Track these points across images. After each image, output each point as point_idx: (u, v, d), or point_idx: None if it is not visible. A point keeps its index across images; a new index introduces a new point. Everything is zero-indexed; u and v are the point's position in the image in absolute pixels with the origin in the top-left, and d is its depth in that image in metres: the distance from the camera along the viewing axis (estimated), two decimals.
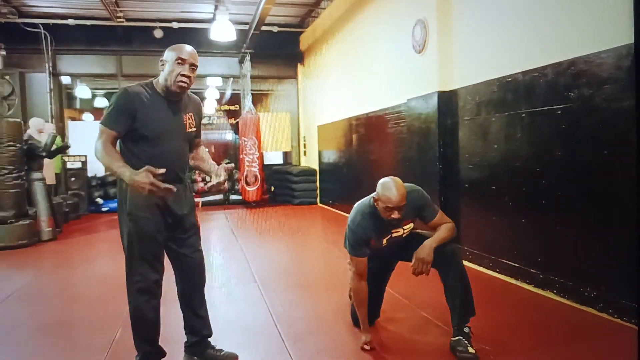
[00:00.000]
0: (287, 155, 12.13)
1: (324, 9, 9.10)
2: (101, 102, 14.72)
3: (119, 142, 2.34)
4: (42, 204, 6.53)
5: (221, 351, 2.63)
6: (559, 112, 3.45)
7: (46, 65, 9.53)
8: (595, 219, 3.22)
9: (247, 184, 9.65)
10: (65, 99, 11.32)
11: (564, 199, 3.45)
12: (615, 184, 3.05)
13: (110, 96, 14.45)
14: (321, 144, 9.89)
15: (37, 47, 9.33)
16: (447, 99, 4.76)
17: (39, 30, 9.18)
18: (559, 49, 3.45)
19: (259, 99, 14.92)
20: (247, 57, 9.94)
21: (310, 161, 10.78)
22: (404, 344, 2.85)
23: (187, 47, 2.37)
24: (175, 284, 2.58)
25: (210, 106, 14.77)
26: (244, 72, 10.36)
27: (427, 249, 2.62)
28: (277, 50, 10.68)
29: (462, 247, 4.50)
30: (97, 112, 15.02)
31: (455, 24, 4.72)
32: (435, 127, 4.84)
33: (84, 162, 9.26)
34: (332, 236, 6.60)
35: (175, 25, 9.69)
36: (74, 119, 13.41)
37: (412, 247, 2.68)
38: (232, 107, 15.17)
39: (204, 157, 2.66)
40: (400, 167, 6.05)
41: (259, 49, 9.74)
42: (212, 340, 2.66)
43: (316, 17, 9.68)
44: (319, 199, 10.12)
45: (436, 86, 4.81)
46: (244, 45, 9.62)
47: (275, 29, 10.17)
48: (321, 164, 9.92)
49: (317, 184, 10.13)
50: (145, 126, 2.29)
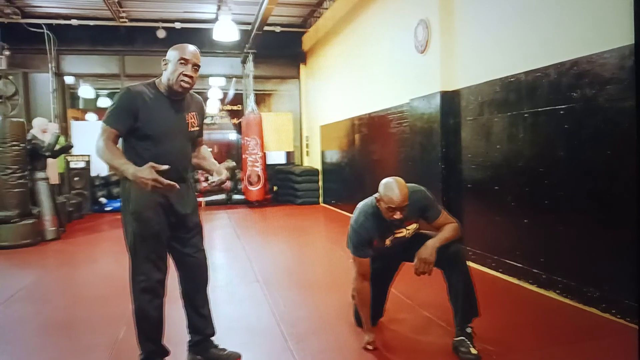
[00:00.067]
0: (289, 155, 12.14)
1: (327, 9, 9.11)
2: (104, 102, 14.74)
3: (122, 141, 2.35)
4: (45, 203, 6.55)
5: (224, 350, 2.64)
6: (561, 112, 3.45)
7: (49, 65, 9.55)
8: (598, 219, 3.22)
9: (250, 183, 9.66)
10: (68, 98, 11.34)
11: (567, 199, 3.45)
12: (618, 184, 3.04)
13: (113, 96, 14.49)
14: (324, 144, 9.89)
15: (41, 47, 9.36)
16: (449, 99, 4.76)
17: (42, 30, 9.21)
18: (562, 49, 3.45)
19: (261, 99, 14.93)
20: (250, 57, 9.94)
21: (312, 161, 10.78)
22: (407, 343, 2.85)
23: (190, 47, 2.38)
24: (178, 283, 2.58)
25: (213, 106, 14.79)
26: (247, 72, 10.36)
27: (429, 249, 2.61)
28: (280, 50, 10.68)
29: (465, 247, 4.50)
30: (101, 112, 15.04)
31: (457, 24, 4.72)
32: (437, 127, 4.83)
33: (88, 162, 9.30)
34: (334, 236, 6.60)
35: (178, 25, 9.70)
36: (77, 119, 13.43)
37: (416, 248, 2.66)
38: (234, 107, 15.17)
39: (206, 156, 2.68)
40: (402, 167, 6.05)
41: (261, 49, 9.74)
42: (215, 339, 2.67)
43: (319, 17, 9.69)
44: (321, 199, 10.12)
45: (439, 86, 4.81)
46: (247, 45, 9.62)
47: (277, 29, 10.18)
48: (324, 163, 9.92)
49: (320, 183, 10.13)
50: (148, 125, 2.30)
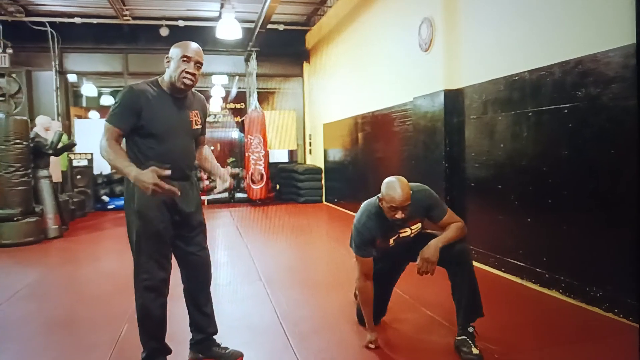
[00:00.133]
0: (292, 153, 12.14)
1: (330, 7, 9.10)
2: (107, 100, 14.78)
3: (125, 140, 2.34)
4: (48, 201, 6.57)
5: (226, 349, 2.63)
6: (565, 111, 3.43)
7: (53, 63, 9.57)
8: (601, 218, 3.20)
9: (253, 182, 9.66)
10: (71, 96, 11.36)
11: (570, 198, 3.44)
12: (621, 184, 3.03)
13: (116, 94, 14.47)
14: (327, 143, 9.88)
15: (44, 46, 9.38)
16: (453, 98, 4.75)
17: (45, 28, 9.23)
18: (566, 48, 3.43)
19: (264, 97, 14.95)
20: (253, 55, 9.94)
21: (315, 159, 10.78)
22: (409, 342, 2.84)
23: (193, 45, 2.37)
24: (181, 281, 2.58)
25: (216, 104, 14.80)
26: (250, 70, 10.36)
27: (432, 248, 2.60)
28: (283, 48, 10.67)
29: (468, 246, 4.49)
30: (104, 110, 15.08)
31: (461, 22, 4.70)
32: (441, 125, 4.82)
33: (90, 160, 9.29)
34: (337, 235, 6.60)
35: (181, 23, 9.71)
36: (80, 117, 13.45)
37: (420, 248, 2.64)
38: (237, 105, 15.19)
39: (208, 157, 2.68)
40: (406, 165, 6.04)
41: (264, 47, 9.74)
42: (217, 338, 2.66)
43: (322, 15, 9.68)
44: (324, 198, 10.12)
45: (442, 85, 4.80)
46: (250, 43, 9.63)
47: (281, 27, 10.18)
48: (327, 162, 9.92)
49: (323, 182, 10.13)
50: (151, 124, 2.30)
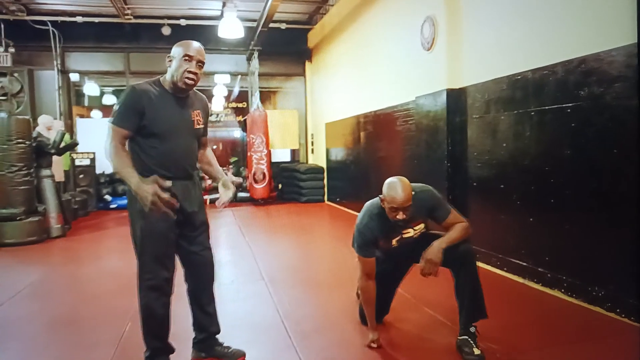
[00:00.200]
0: (294, 152, 12.14)
1: (332, 5, 9.09)
2: (109, 99, 14.79)
3: (128, 140, 2.34)
4: (51, 200, 6.58)
5: (229, 348, 2.64)
6: (568, 111, 3.43)
7: (55, 62, 9.57)
8: (604, 218, 3.20)
9: (255, 181, 9.66)
10: (73, 96, 11.37)
11: (573, 198, 3.43)
12: (624, 183, 3.02)
13: (118, 93, 14.54)
14: (329, 142, 9.88)
15: (46, 45, 9.38)
16: (455, 97, 4.74)
17: (47, 27, 9.23)
18: (569, 47, 3.43)
19: (266, 96, 14.96)
20: (255, 55, 9.92)
21: (317, 159, 10.78)
22: (411, 342, 2.84)
23: (194, 44, 2.38)
24: (184, 280, 2.59)
25: (218, 104, 14.81)
26: (252, 69, 10.36)
27: (435, 250, 2.57)
28: (285, 47, 10.67)
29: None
30: (106, 109, 15.10)
31: (464, 21, 4.70)
32: (443, 125, 4.82)
33: (93, 159, 9.31)
34: (339, 234, 6.60)
35: (183, 22, 9.71)
36: (82, 116, 13.47)
37: (423, 248, 2.61)
38: (240, 105, 15.22)
39: (211, 162, 2.68)
40: (408, 165, 6.04)
41: (266, 46, 9.73)
42: (219, 336, 2.67)
43: (324, 14, 9.67)
44: (326, 197, 10.12)
45: (445, 84, 4.79)
46: (252, 42, 9.62)
47: (283, 26, 10.17)
48: (329, 161, 9.91)
49: (325, 181, 10.13)
50: (154, 123, 2.30)
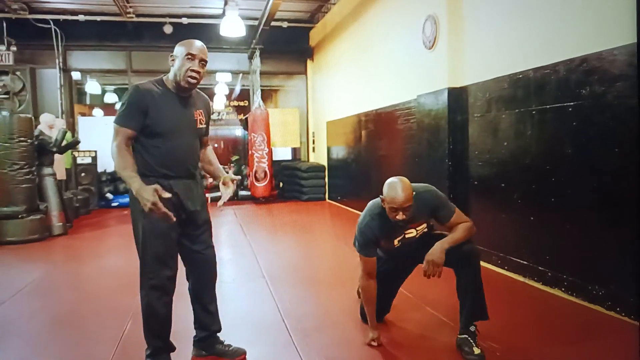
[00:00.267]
0: (295, 151, 12.15)
1: (334, 4, 9.08)
2: (111, 97, 14.81)
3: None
4: (53, 199, 6.59)
5: (229, 346, 2.64)
6: (570, 109, 3.42)
7: (57, 60, 9.58)
8: (604, 216, 3.20)
9: (257, 179, 9.67)
10: (75, 94, 11.40)
11: (574, 197, 3.43)
12: (625, 182, 3.02)
13: (120, 92, 14.57)
14: (330, 140, 9.89)
15: (48, 43, 9.39)
16: (457, 96, 4.74)
17: (49, 26, 9.24)
18: (571, 46, 3.42)
19: (268, 94, 14.96)
20: (257, 53, 9.93)
21: (319, 157, 10.78)
22: (412, 340, 2.85)
23: (197, 43, 2.38)
24: (185, 279, 2.59)
25: (219, 102, 14.81)
26: (254, 67, 10.36)
27: (437, 251, 2.55)
28: (287, 46, 10.67)
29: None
30: (107, 108, 15.14)
31: (466, 20, 4.69)
32: (445, 123, 4.82)
33: (94, 158, 9.32)
34: (340, 232, 6.61)
35: (184, 20, 9.72)
36: (84, 115, 13.50)
37: (426, 249, 2.59)
38: (241, 103, 15.23)
39: (212, 160, 2.68)
40: (409, 163, 6.04)
41: (268, 44, 9.73)
42: (220, 335, 2.67)
43: (326, 12, 9.66)
44: (327, 195, 10.13)
45: (446, 82, 4.79)
46: (254, 40, 9.62)
47: (285, 25, 10.18)
48: (330, 160, 9.92)
49: (326, 180, 10.14)
50: (157, 122, 2.30)
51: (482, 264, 4.30)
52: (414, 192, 2.53)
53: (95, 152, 9.30)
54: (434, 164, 5.03)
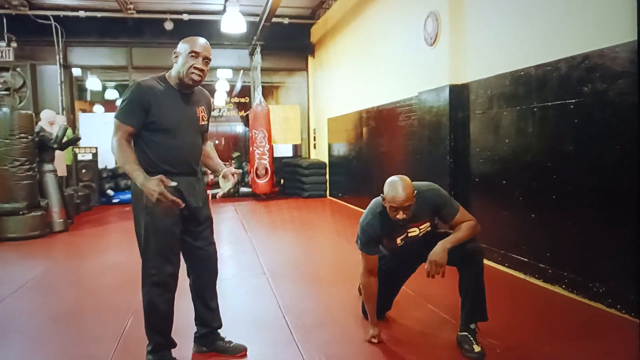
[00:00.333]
0: (297, 148, 12.13)
1: (336, 0, 9.06)
2: (112, 93, 14.79)
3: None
4: (53, 195, 6.60)
5: (230, 343, 2.65)
6: (571, 107, 3.42)
7: (57, 57, 9.57)
8: (605, 214, 3.20)
9: (258, 176, 9.67)
10: (76, 90, 11.38)
11: (575, 194, 3.43)
12: (627, 180, 3.01)
13: (120, 88, 14.55)
14: (331, 137, 9.88)
15: (48, 39, 9.38)
16: (458, 93, 4.73)
17: (49, 22, 9.22)
18: (573, 43, 3.41)
19: (269, 91, 14.93)
20: (258, 49, 9.92)
21: (320, 154, 10.77)
22: (412, 338, 2.85)
23: (201, 40, 2.38)
24: (187, 275, 2.60)
25: (220, 98, 14.78)
26: (255, 64, 10.35)
27: (440, 251, 2.53)
28: (288, 42, 10.65)
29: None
30: (108, 104, 15.12)
31: (467, 16, 4.68)
32: (446, 120, 4.81)
33: (95, 154, 9.32)
34: (341, 229, 6.61)
35: (185, 17, 9.70)
36: (84, 111, 13.49)
37: (430, 248, 2.58)
38: (242, 100, 15.18)
39: (211, 155, 2.68)
40: (410, 160, 6.03)
41: (269, 41, 9.72)
42: (221, 331, 2.68)
43: (327, 8, 9.64)
44: (328, 192, 10.12)
45: (448, 79, 4.78)
46: (255, 37, 9.60)
47: (286, 21, 10.15)
48: (331, 157, 9.91)
49: (327, 177, 10.13)
50: (160, 119, 2.30)
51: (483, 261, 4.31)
52: (416, 191, 2.52)
53: (96, 148, 9.30)
54: (435, 161, 5.02)
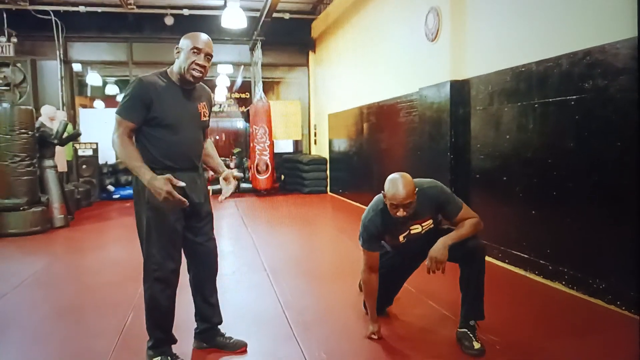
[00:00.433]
0: (297, 143, 12.12)
1: None
2: (112, 89, 14.78)
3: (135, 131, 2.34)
4: (54, 191, 6.60)
5: (230, 339, 2.66)
6: (572, 103, 3.41)
7: (57, 52, 9.55)
8: (606, 210, 3.19)
9: (258, 172, 9.67)
10: (76, 86, 11.37)
11: (575, 191, 3.42)
12: (628, 176, 3.00)
13: (121, 83, 14.54)
14: (332, 133, 9.87)
15: (49, 35, 9.36)
16: (459, 88, 4.72)
17: (49, 17, 9.20)
18: (574, 39, 3.40)
19: (270, 86, 14.93)
20: (258, 45, 9.90)
21: (320, 150, 10.77)
22: (412, 334, 2.85)
23: (203, 36, 2.37)
24: (187, 271, 2.60)
25: (221, 94, 14.77)
26: (255, 59, 10.33)
27: (440, 247, 2.52)
28: (289, 37, 10.63)
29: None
30: (108, 100, 15.12)
31: (468, 12, 4.66)
32: (447, 116, 4.80)
33: (96, 150, 9.32)
34: (341, 225, 6.61)
35: (186, 12, 9.67)
36: (85, 106, 13.48)
37: (432, 245, 2.57)
38: (242, 95, 15.17)
39: (212, 154, 2.67)
40: (411, 156, 6.03)
41: (270, 36, 9.70)
42: (221, 327, 2.69)
43: (328, 4, 9.61)
44: (329, 188, 10.12)
45: (449, 75, 4.77)
46: (255, 32, 9.58)
47: (286, 16, 10.12)
48: (331, 152, 9.91)
49: (328, 172, 10.13)
50: (161, 115, 2.30)
51: None
52: (418, 188, 2.51)
53: (96, 144, 9.29)
54: (436, 157, 5.02)
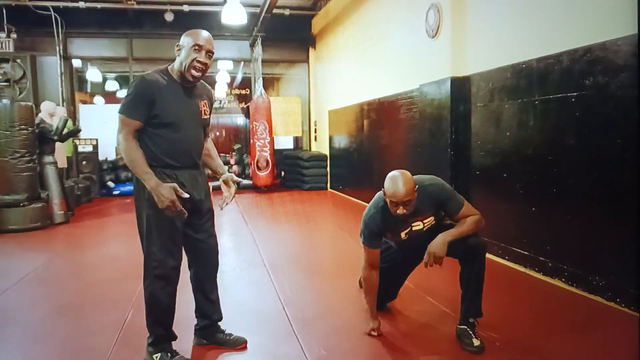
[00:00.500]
0: (297, 140, 12.11)
1: None
2: (112, 85, 14.75)
3: None
4: (54, 187, 6.60)
5: (230, 335, 2.66)
6: (573, 100, 3.40)
7: (57, 48, 9.53)
8: (606, 208, 3.19)
9: (259, 168, 9.66)
10: (76, 82, 11.35)
11: (576, 188, 3.42)
12: (628, 173, 3.00)
13: (121, 79, 14.52)
14: (332, 129, 9.86)
15: (48, 30, 9.33)
16: (460, 85, 4.71)
17: (49, 13, 9.17)
18: (575, 36, 3.39)
19: (270, 83, 14.89)
20: (259, 41, 9.88)
21: (320, 146, 10.76)
22: (413, 330, 2.86)
23: (204, 33, 2.36)
24: (188, 267, 2.60)
25: (221, 90, 14.75)
26: (255, 55, 10.31)
27: (439, 243, 2.52)
28: (289, 33, 10.61)
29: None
30: (108, 96, 15.08)
31: (469, 8, 4.65)
32: (447, 113, 4.79)
33: (95, 146, 9.30)
34: (341, 222, 6.62)
35: (186, 8, 9.64)
36: (85, 102, 13.46)
37: None
38: (243, 91, 15.13)
39: (212, 154, 2.67)
40: (411, 153, 6.03)
41: (270, 32, 9.68)
42: (221, 323, 2.69)
43: (328, 0, 9.59)
44: (329, 185, 10.12)
45: (449, 72, 4.76)
46: (255, 28, 9.57)
47: (287, 12, 10.10)
48: (332, 149, 9.90)
49: (328, 169, 10.12)
50: (163, 113, 2.29)
51: None
52: (418, 186, 2.51)
53: (96, 140, 9.28)
54: (436, 154, 5.02)
